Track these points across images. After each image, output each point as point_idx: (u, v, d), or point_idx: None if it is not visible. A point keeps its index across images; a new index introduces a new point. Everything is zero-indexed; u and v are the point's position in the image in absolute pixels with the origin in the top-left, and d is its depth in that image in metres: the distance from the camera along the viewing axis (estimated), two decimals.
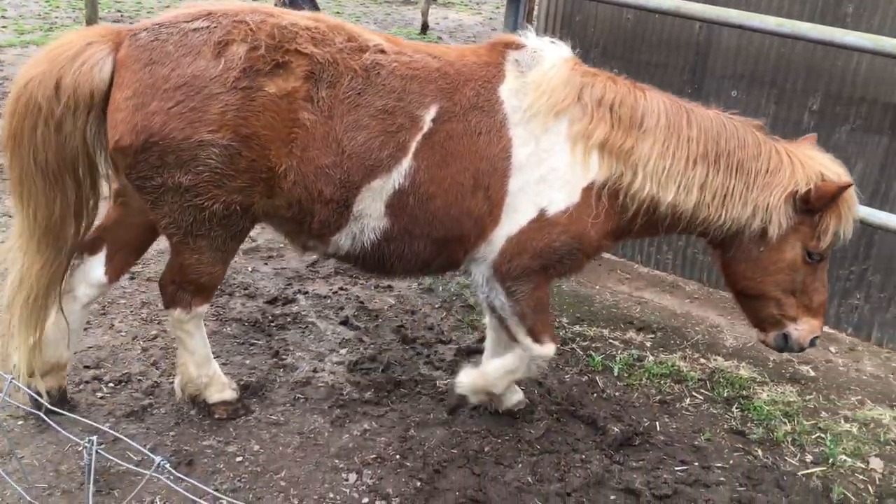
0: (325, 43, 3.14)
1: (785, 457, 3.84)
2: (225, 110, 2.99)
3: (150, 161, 3.02)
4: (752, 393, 4.26)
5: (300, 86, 3.07)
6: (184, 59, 2.98)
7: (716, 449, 3.86)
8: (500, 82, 3.36)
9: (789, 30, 4.12)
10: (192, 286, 3.39)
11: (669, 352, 4.58)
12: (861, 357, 4.64)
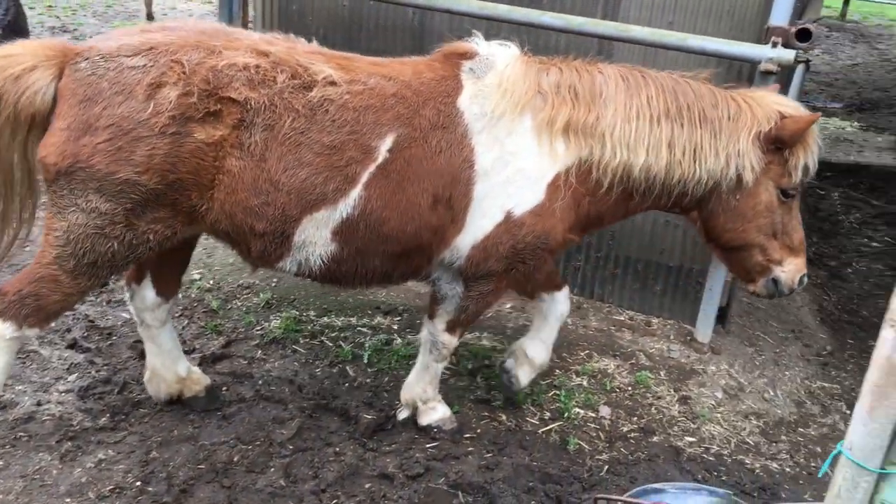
0: (264, 84, 3.09)
1: (526, 417, 4.08)
2: (152, 154, 3.01)
3: (72, 185, 3.05)
4: (495, 361, 4.47)
5: (229, 134, 3.07)
6: (115, 99, 3.00)
7: (464, 420, 4.02)
8: (459, 94, 3.31)
9: (490, 12, 4.32)
10: (40, 303, 3.22)
11: (417, 331, 4.68)
12: (587, 314, 5.02)
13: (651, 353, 4.67)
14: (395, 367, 4.37)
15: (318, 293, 5.01)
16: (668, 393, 4.36)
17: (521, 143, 3.31)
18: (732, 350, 4.81)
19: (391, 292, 5.08)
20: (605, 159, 3.32)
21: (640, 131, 3.30)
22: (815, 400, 4.54)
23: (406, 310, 4.91)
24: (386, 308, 4.91)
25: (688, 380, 4.49)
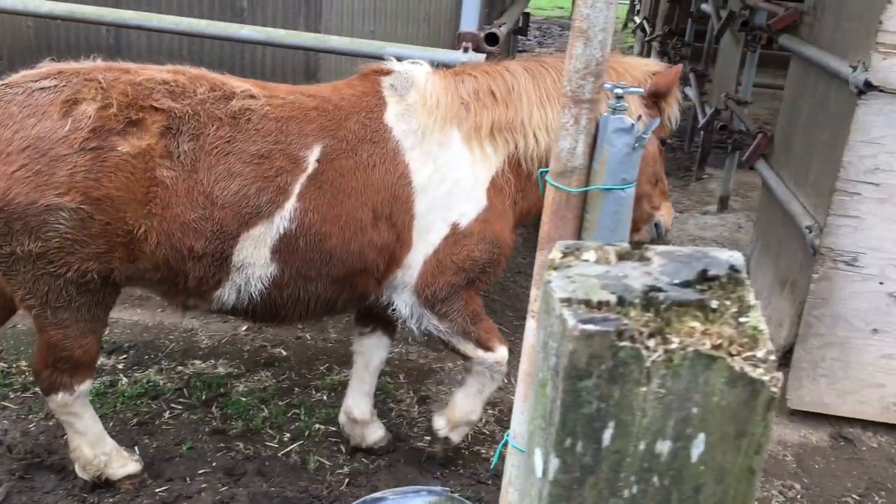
0: (184, 96, 3.00)
1: (265, 442, 3.95)
2: (73, 172, 2.83)
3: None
4: (230, 388, 4.30)
5: (156, 143, 2.93)
6: (28, 121, 2.82)
7: (199, 455, 3.82)
8: (384, 110, 3.31)
9: (187, 27, 4.15)
10: (69, 364, 3.17)
11: (144, 368, 4.42)
12: (325, 327, 4.98)
13: (390, 357, 4.69)
14: (120, 409, 4.08)
15: (30, 340, 4.58)
16: (407, 395, 4.41)
17: (454, 154, 3.37)
18: None
19: (115, 329, 4.75)
20: (529, 148, 3.44)
21: (553, 113, 3.41)
22: None
23: (132, 346, 4.61)
24: (110, 347, 4.57)
25: (427, 379, 4.57)
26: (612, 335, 0.67)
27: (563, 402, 0.72)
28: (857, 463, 4.20)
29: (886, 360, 4.21)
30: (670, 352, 0.68)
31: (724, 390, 0.68)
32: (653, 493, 0.72)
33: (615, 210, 1.76)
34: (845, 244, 4.06)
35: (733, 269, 0.76)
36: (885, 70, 3.80)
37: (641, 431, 0.69)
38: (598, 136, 1.77)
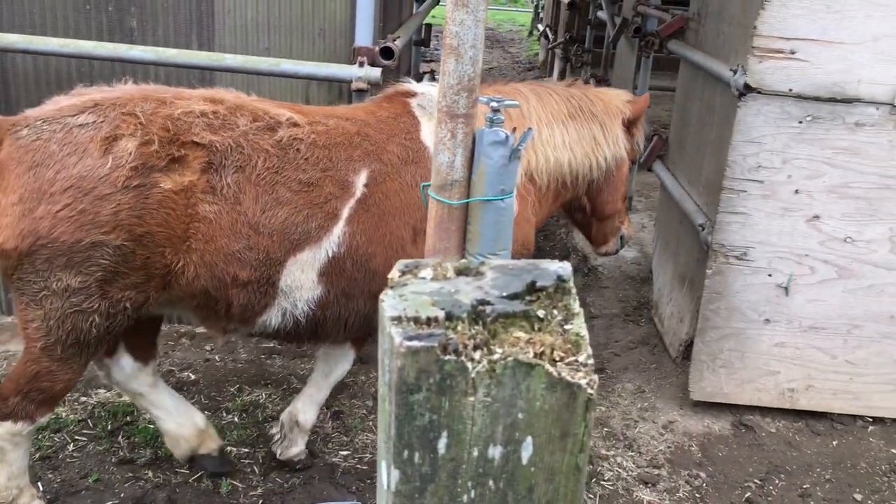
0: (225, 128, 3.01)
1: (175, 469, 3.88)
2: (117, 210, 2.84)
3: (36, 265, 2.85)
4: (137, 417, 4.20)
5: (198, 179, 2.94)
6: (69, 160, 2.80)
7: (107, 486, 3.73)
8: (420, 130, 3.46)
9: (74, 49, 4.05)
10: (43, 395, 3.12)
11: None
12: (235, 347, 4.92)
13: (303, 374, 4.67)
14: None
15: None
16: (321, 411, 4.39)
17: None
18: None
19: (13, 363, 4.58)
20: (540, 163, 3.77)
21: (557, 133, 3.83)
22: None
23: None
24: None
25: (340, 394, 4.56)
26: (437, 350, 0.71)
27: (397, 415, 0.75)
28: (757, 448, 4.38)
29: (779, 348, 4.41)
30: (493, 362, 0.71)
31: (545, 395, 0.72)
32: (489, 496, 0.76)
33: (496, 220, 1.81)
34: (735, 240, 4.24)
35: (560, 280, 0.80)
36: (761, 72, 3.99)
37: (473, 438, 0.73)
38: (476, 149, 1.81)
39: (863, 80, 3.98)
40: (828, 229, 4.21)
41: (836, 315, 4.35)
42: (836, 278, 4.29)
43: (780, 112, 4.05)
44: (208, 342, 4.92)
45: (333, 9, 4.30)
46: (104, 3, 4.33)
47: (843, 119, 4.04)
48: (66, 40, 4.09)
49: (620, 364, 5.20)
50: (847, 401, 4.52)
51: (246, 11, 4.34)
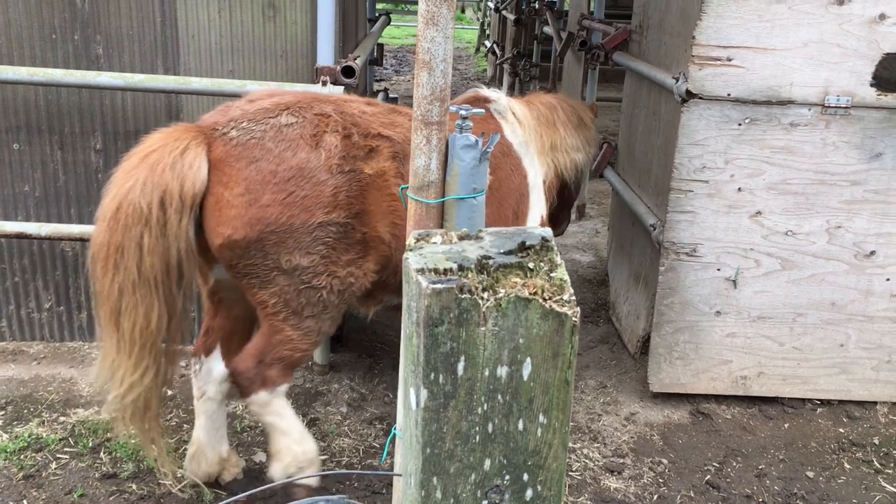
0: (394, 125, 3.52)
1: (158, 481, 3.99)
2: (336, 192, 3.27)
3: (266, 249, 3.22)
4: (117, 433, 4.29)
5: (389, 165, 3.41)
6: (286, 154, 3.21)
7: (92, 501, 3.81)
8: (503, 129, 4.30)
9: (43, 78, 4.16)
10: (283, 363, 3.43)
11: (24, 422, 4.34)
12: None
13: None
14: (4, 465, 4.01)
15: None
16: None
17: (536, 162, 4.44)
18: (352, 364, 5.13)
19: None
20: (562, 163, 4.61)
21: (571, 136, 4.65)
22: None
23: (10, 402, 4.51)
24: None
25: (314, 402, 4.70)
26: (456, 290, 0.89)
27: (425, 345, 0.93)
28: (715, 434, 4.62)
29: (730, 338, 4.67)
30: (499, 299, 0.90)
31: (540, 323, 0.91)
32: (499, 407, 0.94)
33: (470, 216, 2.00)
34: (684, 237, 4.50)
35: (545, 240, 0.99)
36: (701, 79, 4.26)
37: (485, 361, 0.91)
38: (449, 153, 2.01)
39: (795, 83, 4.27)
40: (770, 224, 4.49)
41: (782, 304, 4.63)
42: (779, 270, 4.57)
43: (720, 116, 4.32)
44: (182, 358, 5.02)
45: (294, 31, 4.48)
46: (70, 32, 4.45)
47: (778, 120, 4.33)
48: (35, 69, 4.20)
49: (582, 362, 5.42)
50: (796, 385, 4.79)
51: (209, 35, 4.50)
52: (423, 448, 0.92)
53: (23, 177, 4.67)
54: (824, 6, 4.16)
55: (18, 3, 4.40)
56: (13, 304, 4.91)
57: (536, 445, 0.94)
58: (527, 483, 0.95)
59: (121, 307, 3.17)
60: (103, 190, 3.18)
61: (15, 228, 4.33)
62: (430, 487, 0.91)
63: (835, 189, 4.43)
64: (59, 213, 4.73)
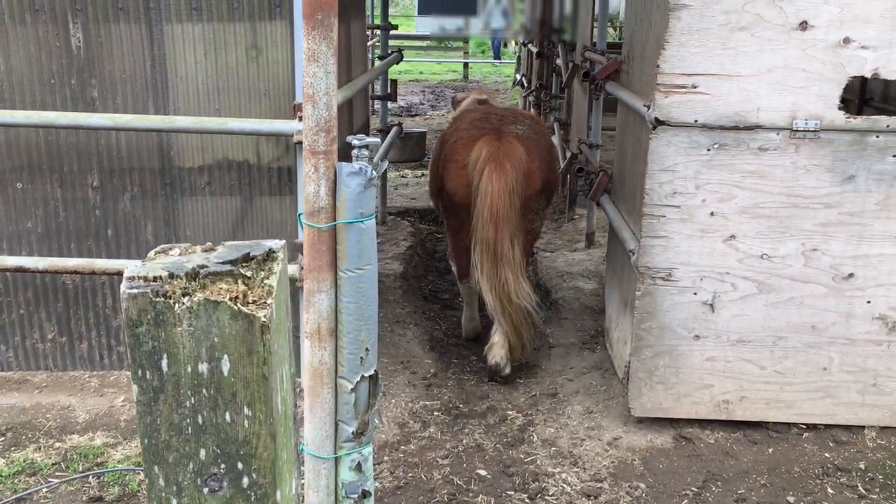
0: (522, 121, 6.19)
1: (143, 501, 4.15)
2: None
3: (541, 196, 5.80)
4: (107, 458, 4.47)
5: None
6: (541, 142, 5.99)
7: None
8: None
9: (39, 120, 4.42)
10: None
11: (21, 448, 4.55)
12: None
13: None
14: None
15: None
16: None
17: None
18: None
19: None
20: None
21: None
22: (416, 418, 5.10)
23: (9, 429, 4.74)
24: None
25: None
26: (150, 295, 1.01)
27: (130, 344, 1.05)
28: (696, 459, 4.62)
29: (710, 362, 4.68)
30: (192, 302, 1.02)
31: (231, 324, 1.02)
32: (205, 400, 1.05)
33: (358, 240, 2.12)
34: (659, 262, 4.55)
35: (271, 251, 1.11)
36: (667, 106, 4.33)
37: (186, 358, 1.02)
38: (337, 180, 2.14)
39: (762, 108, 4.32)
40: (744, 248, 4.51)
41: (761, 328, 4.63)
42: (757, 293, 4.58)
43: (688, 142, 4.38)
44: None
45: (276, 71, 4.69)
46: (67, 76, 4.73)
47: (747, 145, 4.37)
48: (30, 112, 4.47)
49: (572, 388, 5.46)
50: (780, 409, 4.76)
51: (197, 77, 4.73)
52: (142, 439, 1.03)
53: (26, 214, 4.93)
54: (787, 32, 4.22)
55: (19, 50, 4.69)
56: (18, 335, 5.16)
57: (246, 436, 1.05)
58: (242, 471, 1.06)
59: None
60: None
61: (15, 263, 4.58)
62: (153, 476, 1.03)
63: (808, 212, 4.44)
64: (59, 247, 4.98)
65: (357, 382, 2.26)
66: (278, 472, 1.06)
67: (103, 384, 5.19)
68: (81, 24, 4.66)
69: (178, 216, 4.95)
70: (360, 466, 2.35)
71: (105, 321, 5.13)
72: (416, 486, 4.37)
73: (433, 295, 7.61)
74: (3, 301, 5.11)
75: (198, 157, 4.87)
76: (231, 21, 4.67)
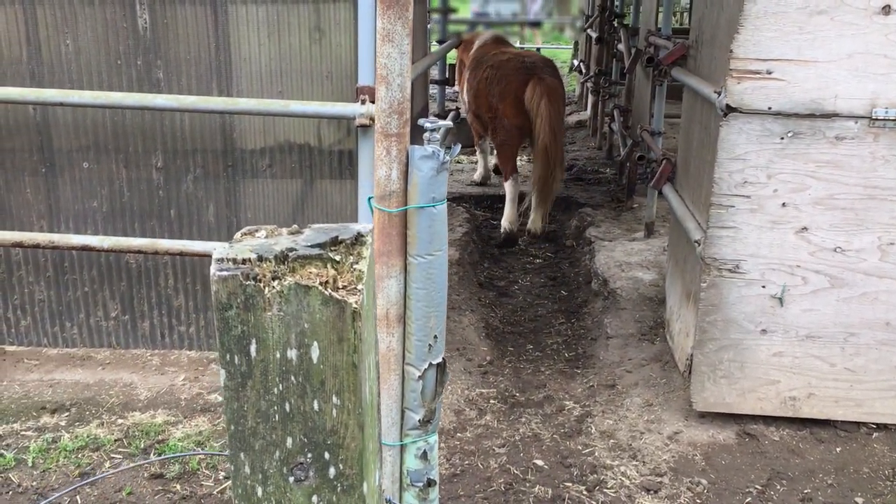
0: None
1: (201, 482, 4.18)
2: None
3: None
4: (168, 435, 4.52)
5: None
6: (560, 79, 8.41)
7: (138, 499, 4.04)
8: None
9: (105, 101, 4.46)
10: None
11: (85, 423, 4.64)
12: None
13: None
14: (63, 463, 4.29)
15: None
16: None
17: None
18: None
19: (58, 389, 4.97)
20: None
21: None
22: (472, 406, 5.06)
23: (74, 404, 4.83)
24: (53, 406, 4.79)
25: None
26: (241, 277, 0.97)
27: (218, 328, 1.01)
28: (760, 456, 4.49)
29: (777, 357, 4.54)
30: (283, 285, 0.98)
31: (322, 309, 0.98)
32: (293, 388, 1.01)
33: (430, 225, 2.07)
34: (726, 253, 4.42)
35: (359, 235, 1.06)
36: (740, 93, 4.19)
37: (275, 344, 0.98)
38: (409, 163, 2.09)
39: (839, 95, 4.15)
40: (817, 240, 4.36)
41: (832, 324, 4.47)
42: (828, 287, 4.42)
43: (761, 129, 4.24)
44: None
45: (339, 53, 4.66)
46: (133, 58, 4.76)
47: (823, 134, 4.21)
48: (98, 93, 4.51)
49: (631, 380, 5.36)
50: (849, 408, 4.61)
51: (260, 59, 4.72)
52: (229, 425, 1.00)
53: (91, 193, 5.00)
54: (868, 17, 4.04)
55: (87, 32, 4.74)
56: (83, 312, 5.25)
57: (333, 426, 1.01)
58: (328, 461, 1.02)
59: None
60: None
61: (80, 241, 4.64)
62: (239, 462, 0.99)
63: (886, 204, 4.27)
64: (123, 227, 5.04)
65: (425, 370, 2.22)
66: (365, 463, 1.02)
67: (164, 363, 5.26)
68: (148, 5, 4.69)
69: (239, 198, 4.97)
70: (426, 455, 2.31)
71: (167, 300, 5.19)
72: (472, 474, 4.33)
73: (488, 282, 7.56)
74: (69, 279, 5.20)
75: (259, 140, 4.88)
76: (295, 3, 4.65)
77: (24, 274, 5.21)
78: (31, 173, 5.00)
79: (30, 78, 4.83)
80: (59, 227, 5.08)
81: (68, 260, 5.15)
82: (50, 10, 4.73)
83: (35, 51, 4.79)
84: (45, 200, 5.05)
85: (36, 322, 5.31)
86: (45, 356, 5.37)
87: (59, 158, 4.98)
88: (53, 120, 4.92)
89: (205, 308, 5.20)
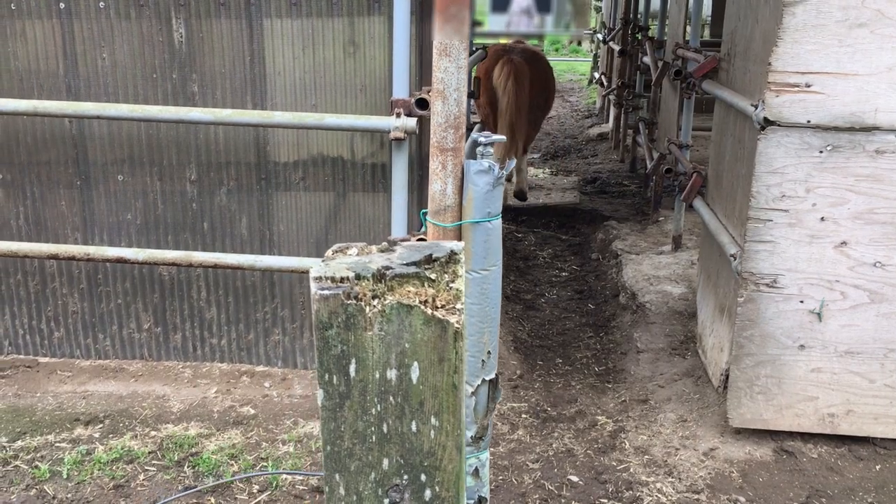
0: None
1: (235, 495, 4.17)
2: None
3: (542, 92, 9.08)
4: (201, 448, 4.52)
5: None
6: (538, 59, 9.59)
7: None
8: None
9: (141, 114, 4.49)
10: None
11: (119, 435, 4.64)
12: (292, 384, 5.22)
13: None
14: (97, 475, 4.29)
15: (10, 417, 4.80)
16: None
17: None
18: None
19: (92, 401, 4.98)
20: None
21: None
22: (504, 420, 5.03)
23: (107, 416, 4.83)
24: (86, 418, 4.80)
25: None
26: (342, 296, 0.96)
27: (318, 348, 1.00)
28: (798, 474, 4.43)
29: (816, 373, 4.48)
30: (384, 305, 0.96)
31: (423, 329, 0.96)
32: (391, 408, 0.99)
33: (485, 240, 2.06)
34: (764, 267, 4.37)
35: (453, 253, 1.05)
36: (778, 106, 4.16)
37: (374, 364, 0.97)
38: (465, 178, 2.08)
39: (880, 108, 4.11)
40: (856, 255, 4.31)
41: (872, 339, 4.41)
42: (868, 303, 4.37)
43: (800, 143, 4.20)
44: (266, 379, 5.24)
45: (373, 66, 4.66)
46: (168, 71, 4.79)
47: (863, 147, 4.17)
48: (134, 106, 4.54)
49: (664, 395, 5.31)
50: (890, 425, 4.54)
51: (294, 73, 4.74)
52: (324, 445, 0.98)
53: (126, 205, 5.02)
54: None
55: (124, 46, 4.78)
56: (116, 324, 5.27)
57: (431, 447, 0.99)
58: (425, 483, 1.00)
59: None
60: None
61: (115, 253, 4.66)
62: (334, 484, 0.98)
63: None
64: (157, 239, 5.06)
65: (478, 386, 2.20)
66: (461, 486, 1.00)
67: (196, 375, 5.26)
68: (184, 19, 4.72)
69: (272, 211, 4.97)
70: (478, 472, 2.29)
71: (199, 313, 5.19)
72: (507, 490, 4.30)
73: (515, 295, 7.53)
74: (102, 291, 5.22)
75: (293, 153, 4.89)
76: (330, 16, 4.66)
77: (58, 286, 5.24)
78: (66, 186, 5.04)
79: (66, 91, 4.87)
80: (94, 239, 5.10)
81: (101, 272, 5.17)
82: (87, 24, 4.77)
83: (72, 64, 4.83)
84: (79, 213, 5.08)
85: (69, 334, 5.34)
86: (77, 368, 5.39)
87: (94, 171, 5.01)
88: (89, 133, 4.95)
89: (236, 320, 5.21)
